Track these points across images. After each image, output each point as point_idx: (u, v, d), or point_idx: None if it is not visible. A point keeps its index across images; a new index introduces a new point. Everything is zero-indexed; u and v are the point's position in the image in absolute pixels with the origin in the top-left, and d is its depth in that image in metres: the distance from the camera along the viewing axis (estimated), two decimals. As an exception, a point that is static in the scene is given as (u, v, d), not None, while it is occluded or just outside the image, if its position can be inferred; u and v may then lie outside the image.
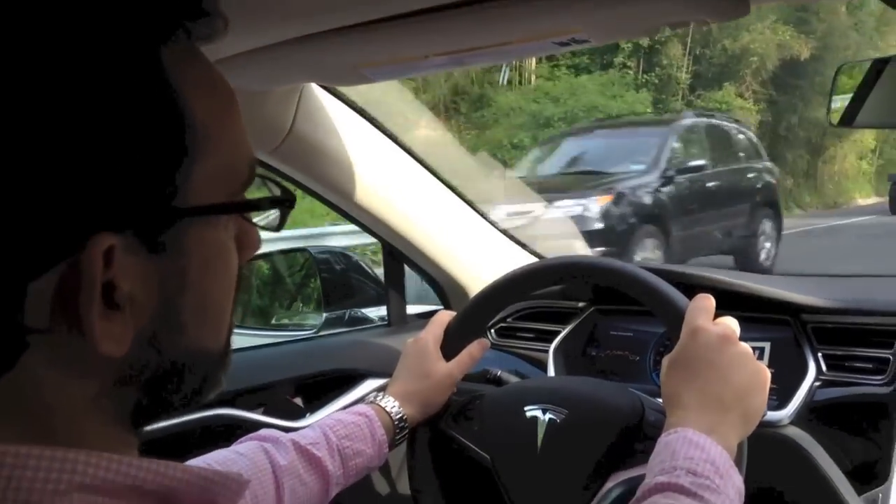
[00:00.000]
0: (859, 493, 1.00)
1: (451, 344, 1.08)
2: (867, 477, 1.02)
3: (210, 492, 0.48)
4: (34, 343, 0.42)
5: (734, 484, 0.75)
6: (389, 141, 1.29)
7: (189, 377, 0.49)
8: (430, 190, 1.39)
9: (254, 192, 0.53)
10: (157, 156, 0.43)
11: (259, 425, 1.16)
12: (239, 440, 0.93)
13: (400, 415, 1.01)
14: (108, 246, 0.41)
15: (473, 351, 1.08)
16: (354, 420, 0.98)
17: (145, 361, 0.46)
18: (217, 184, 0.47)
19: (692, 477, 0.72)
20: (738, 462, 0.78)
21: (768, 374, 0.85)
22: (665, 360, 0.87)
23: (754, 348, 0.87)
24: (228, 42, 0.89)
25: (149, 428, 0.50)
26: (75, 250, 0.41)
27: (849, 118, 0.96)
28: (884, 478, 0.99)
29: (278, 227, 0.56)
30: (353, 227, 1.42)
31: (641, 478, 0.77)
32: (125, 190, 0.42)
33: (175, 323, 0.46)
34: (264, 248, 0.60)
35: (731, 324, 0.86)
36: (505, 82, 15.59)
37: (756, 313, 1.14)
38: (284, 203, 0.54)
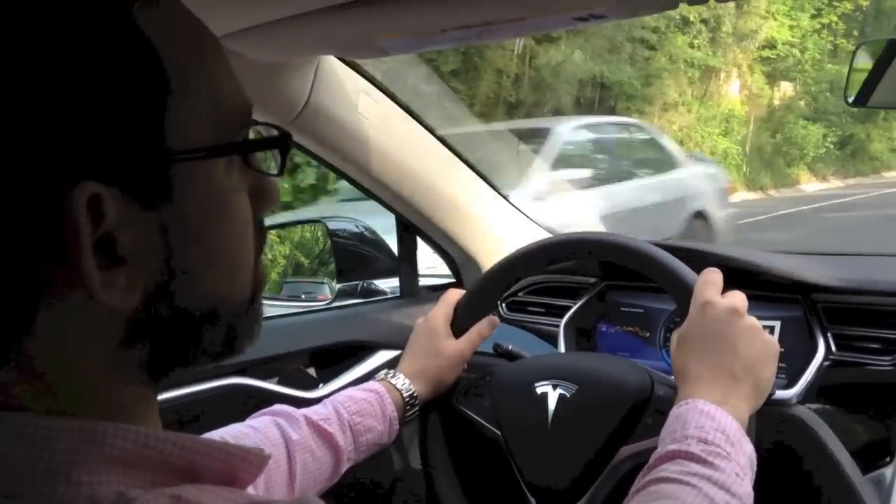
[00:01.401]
0: (865, 472, 1.01)
1: (462, 322, 1.09)
2: (873, 457, 1.03)
3: (231, 465, 0.49)
4: (45, 305, 0.42)
5: (745, 452, 0.76)
6: (405, 114, 1.29)
7: (210, 329, 0.49)
8: (445, 164, 1.39)
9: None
10: (131, 99, 0.43)
11: (273, 395, 1.18)
12: (252, 415, 0.95)
13: (410, 392, 1.03)
14: (92, 195, 0.41)
15: (483, 328, 1.09)
16: (365, 397, 1.00)
17: (158, 313, 0.46)
18: (204, 127, 0.47)
19: (703, 445, 0.73)
20: (749, 433, 0.79)
21: (777, 345, 0.86)
22: (674, 335, 0.87)
23: (763, 327, 0.87)
24: (245, 14, 0.89)
25: (165, 396, 0.51)
26: (58, 203, 0.40)
27: (863, 98, 0.96)
28: (890, 457, 1.00)
29: (280, 171, 0.55)
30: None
31: (651, 451, 0.78)
32: (103, 135, 0.42)
33: (184, 274, 0.46)
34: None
35: (738, 297, 0.87)
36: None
37: (766, 292, 1.14)
38: (281, 143, 0.53)
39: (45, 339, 0.43)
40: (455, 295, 1.13)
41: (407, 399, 1.02)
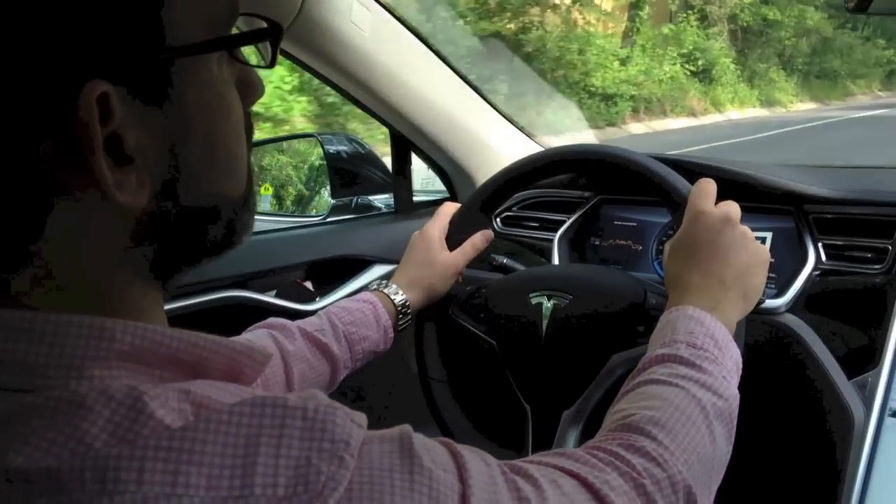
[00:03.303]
0: (851, 377, 1.04)
1: (456, 234, 1.10)
2: (859, 362, 1.05)
3: (237, 362, 0.50)
4: (58, 206, 0.43)
5: (732, 356, 0.78)
6: (399, 25, 1.27)
7: (212, 225, 0.50)
8: (440, 77, 1.38)
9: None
10: None
11: (271, 307, 1.19)
12: (247, 329, 0.96)
13: (402, 300, 1.04)
14: (102, 93, 0.41)
15: (476, 241, 1.10)
16: (359, 307, 1.01)
17: (164, 212, 0.47)
18: (199, 22, 0.47)
19: (692, 349, 0.74)
20: (736, 338, 0.81)
21: (768, 254, 0.87)
22: (667, 244, 0.89)
23: (756, 238, 0.88)
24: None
25: (165, 308, 0.52)
26: (70, 102, 0.41)
27: (864, 4, 0.92)
28: (875, 363, 1.03)
29: (271, 63, 0.55)
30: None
31: (642, 357, 0.80)
32: (107, 34, 0.42)
33: (187, 170, 0.47)
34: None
35: (732, 206, 0.87)
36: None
37: (759, 203, 1.15)
38: (272, 34, 0.53)
39: (56, 239, 0.44)
40: (450, 208, 1.13)
41: (399, 308, 1.04)
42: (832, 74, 22.16)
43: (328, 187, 1.61)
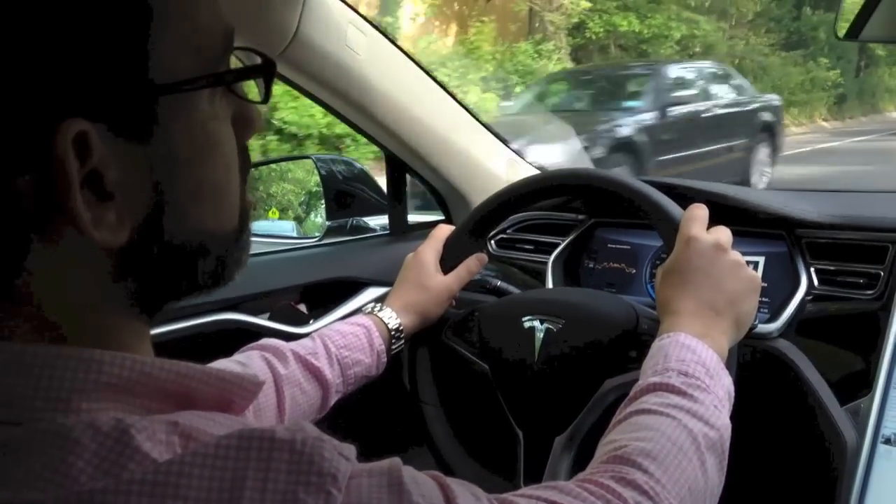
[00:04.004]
0: (844, 403, 1.03)
1: (450, 258, 1.10)
2: (852, 388, 1.05)
3: (227, 392, 0.49)
4: (39, 241, 0.43)
5: (723, 384, 0.77)
6: (395, 48, 1.27)
7: (201, 260, 0.50)
8: (435, 99, 1.38)
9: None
10: (114, 32, 0.42)
11: (264, 330, 1.19)
12: (240, 350, 0.96)
13: (397, 325, 1.04)
14: (79, 132, 0.41)
15: (471, 265, 1.10)
16: (353, 330, 1.01)
17: (148, 248, 0.46)
18: (188, 58, 0.46)
19: (683, 377, 0.74)
20: (728, 366, 0.81)
21: (759, 280, 0.87)
22: (659, 270, 0.89)
23: (748, 262, 0.88)
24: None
25: (156, 331, 0.51)
26: (47, 140, 0.40)
27: (855, 30, 0.92)
28: (867, 389, 1.02)
29: (265, 99, 0.54)
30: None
31: (635, 383, 0.79)
32: (88, 71, 0.41)
33: (172, 207, 0.47)
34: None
35: (723, 232, 0.87)
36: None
37: (751, 227, 1.15)
38: (265, 70, 0.53)
39: (39, 274, 0.43)
40: (444, 231, 1.13)
41: (393, 332, 1.04)
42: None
43: (323, 209, 1.61)
